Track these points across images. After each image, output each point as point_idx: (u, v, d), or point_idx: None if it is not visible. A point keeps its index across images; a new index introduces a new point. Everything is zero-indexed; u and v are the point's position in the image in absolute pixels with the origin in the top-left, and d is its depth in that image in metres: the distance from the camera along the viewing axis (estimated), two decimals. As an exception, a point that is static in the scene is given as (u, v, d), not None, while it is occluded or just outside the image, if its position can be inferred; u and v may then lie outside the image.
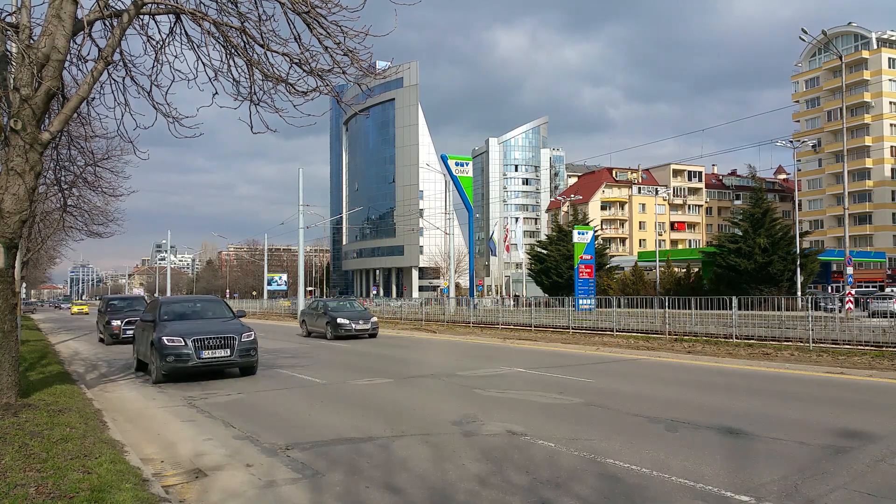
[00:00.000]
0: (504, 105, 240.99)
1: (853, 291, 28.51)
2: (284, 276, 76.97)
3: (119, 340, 23.27)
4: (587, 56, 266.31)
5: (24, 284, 32.21)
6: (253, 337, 14.01)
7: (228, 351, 13.51)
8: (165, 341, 13.15)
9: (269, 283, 71.57)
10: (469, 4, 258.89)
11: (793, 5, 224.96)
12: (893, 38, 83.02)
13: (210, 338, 13.42)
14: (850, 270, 30.61)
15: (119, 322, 23.58)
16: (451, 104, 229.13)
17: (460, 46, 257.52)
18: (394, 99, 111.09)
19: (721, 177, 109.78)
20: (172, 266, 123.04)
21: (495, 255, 77.54)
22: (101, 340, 25.17)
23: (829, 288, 56.71)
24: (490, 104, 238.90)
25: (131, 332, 21.71)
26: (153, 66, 9.38)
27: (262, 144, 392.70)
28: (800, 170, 76.59)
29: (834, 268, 60.35)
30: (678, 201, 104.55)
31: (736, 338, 19.28)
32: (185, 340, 13.18)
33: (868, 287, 58.61)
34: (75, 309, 72.73)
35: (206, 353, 13.28)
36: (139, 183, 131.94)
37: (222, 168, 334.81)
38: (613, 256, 73.99)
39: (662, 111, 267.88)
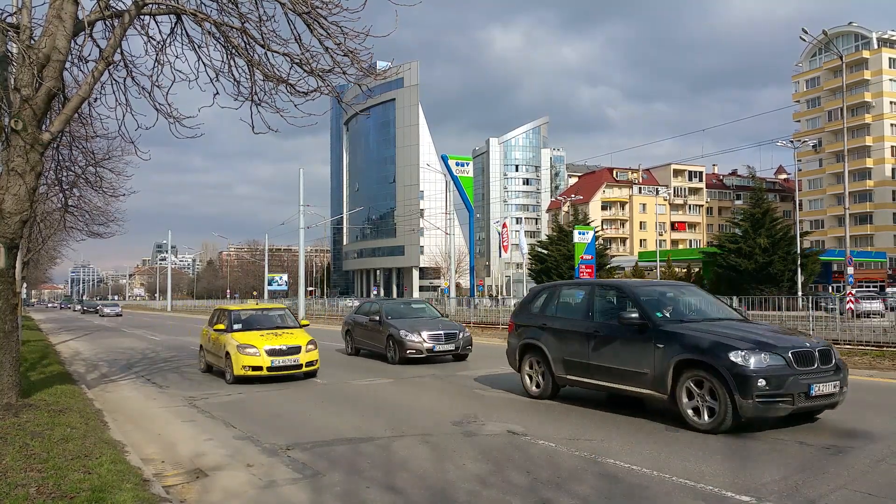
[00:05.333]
0: (502, 104, 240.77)
1: (853, 291, 28.44)
2: (285, 277, 76.95)
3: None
4: (584, 55, 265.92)
5: (24, 284, 32.24)
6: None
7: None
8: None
9: (269, 284, 71.61)
10: (465, 2, 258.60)
11: (792, 4, 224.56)
12: (894, 38, 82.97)
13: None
14: (850, 270, 30.55)
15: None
16: (449, 103, 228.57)
17: (457, 45, 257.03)
18: (394, 99, 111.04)
19: (722, 177, 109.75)
20: (173, 266, 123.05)
21: (501, 257, 77.61)
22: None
23: (830, 288, 56.64)
24: (488, 104, 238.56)
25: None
26: (154, 67, 9.39)
27: (259, 144, 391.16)
28: (800, 170, 76.55)
29: (835, 268, 60.27)
30: (679, 201, 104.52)
31: (736, 338, 19.25)
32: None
33: (868, 287, 58.57)
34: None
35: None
36: (139, 183, 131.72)
37: (220, 168, 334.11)
38: (614, 256, 74.06)
39: (661, 111, 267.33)
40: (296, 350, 12.84)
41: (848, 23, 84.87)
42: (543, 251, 60.06)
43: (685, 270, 57.56)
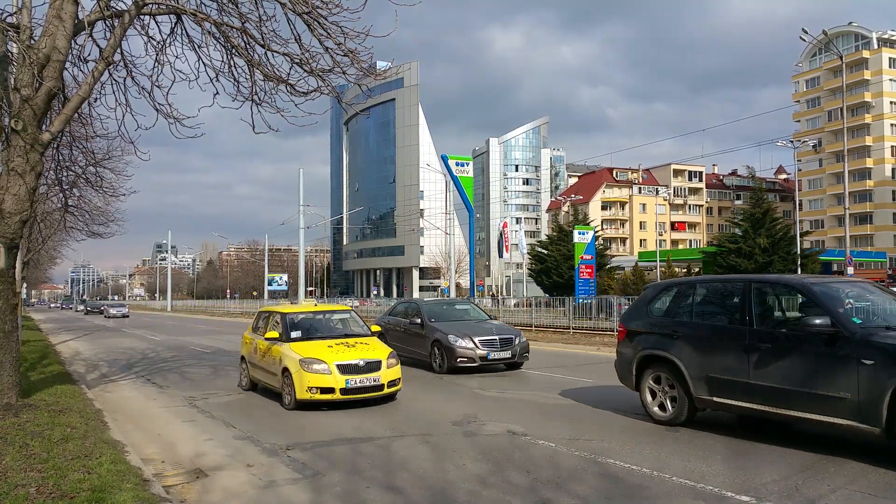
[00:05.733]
0: (502, 104, 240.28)
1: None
2: (285, 276, 77.07)
3: None
4: (584, 55, 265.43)
5: (24, 284, 32.22)
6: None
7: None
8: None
9: (269, 283, 71.70)
10: (465, 2, 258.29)
11: (792, 4, 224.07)
12: (894, 38, 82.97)
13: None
14: (850, 270, 30.56)
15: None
16: (449, 103, 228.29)
17: (457, 45, 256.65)
18: (394, 99, 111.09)
19: (721, 177, 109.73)
20: (173, 266, 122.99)
21: (501, 257, 77.66)
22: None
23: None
24: (488, 104, 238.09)
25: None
26: (154, 67, 9.39)
27: (259, 144, 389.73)
28: (800, 170, 76.55)
29: (835, 268, 60.17)
30: (679, 201, 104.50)
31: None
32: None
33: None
34: None
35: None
36: (139, 183, 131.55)
37: (220, 168, 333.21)
38: (614, 256, 73.98)
39: (661, 111, 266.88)
40: (375, 366, 9.91)
41: (848, 23, 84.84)
42: (543, 251, 59.98)
43: (685, 271, 57.50)
